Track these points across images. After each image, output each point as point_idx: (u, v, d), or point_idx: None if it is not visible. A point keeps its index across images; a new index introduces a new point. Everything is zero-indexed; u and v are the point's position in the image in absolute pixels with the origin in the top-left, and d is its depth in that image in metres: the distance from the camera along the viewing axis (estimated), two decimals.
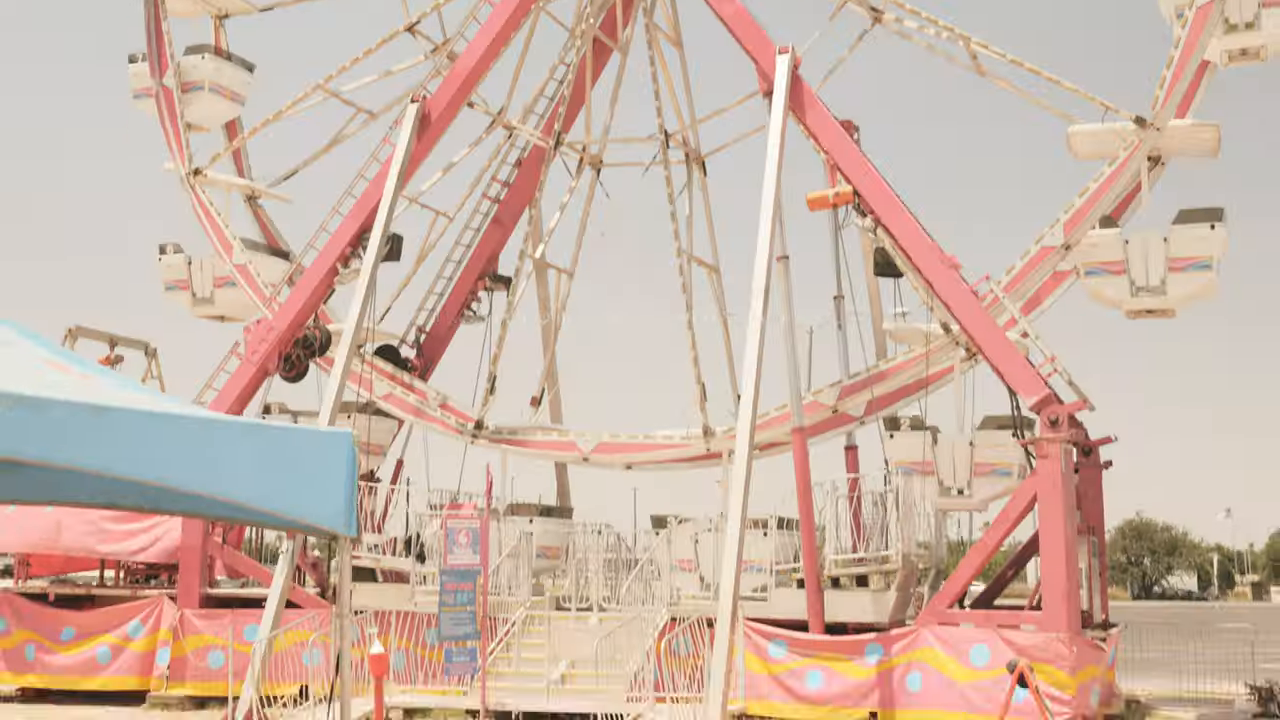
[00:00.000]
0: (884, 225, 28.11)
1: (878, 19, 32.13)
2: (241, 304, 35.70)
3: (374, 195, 31.78)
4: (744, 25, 29.91)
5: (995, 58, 29.79)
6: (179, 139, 36.24)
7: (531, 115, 36.21)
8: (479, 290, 37.25)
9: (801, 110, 29.10)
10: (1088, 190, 28.53)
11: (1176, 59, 28.03)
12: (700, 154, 34.77)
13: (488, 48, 32.09)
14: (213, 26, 38.50)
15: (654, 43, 33.23)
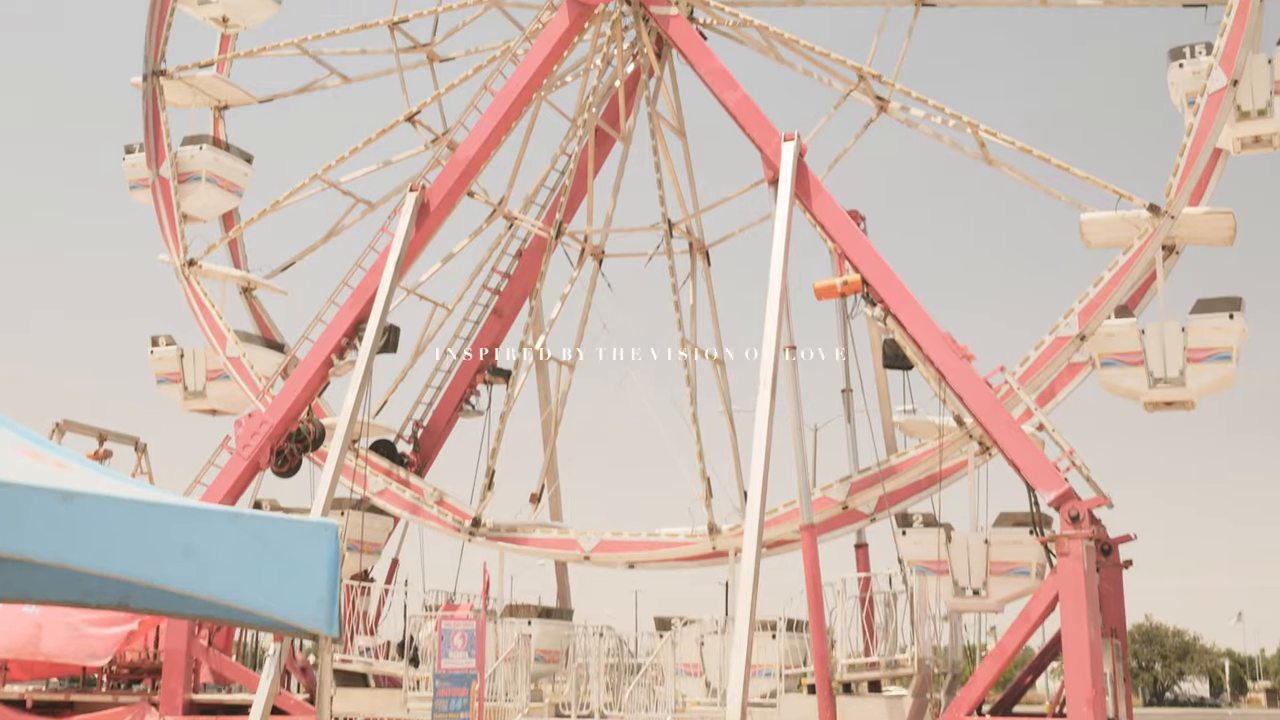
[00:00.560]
0: (894, 314, 27.40)
1: (883, 108, 31.77)
2: (234, 398, 34.89)
3: (371, 285, 31.15)
4: (748, 113, 29.49)
5: (1003, 145, 29.32)
6: (175, 230, 35.70)
7: (533, 205, 35.72)
8: (478, 383, 36.42)
9: (808, 198, 28.55)
10: (1102, 279, 27.88)
11: (1189, 146, 27.55)
12: (704, 244, 34.18)
13: (488, 137, 31.68)
14: (212, 117, 38.23)
15: (657, 132, 32.81)
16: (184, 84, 36.87)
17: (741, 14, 31.59)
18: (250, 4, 36.90)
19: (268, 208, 35.36)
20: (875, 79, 30.57)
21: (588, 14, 32.00)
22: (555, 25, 31.84)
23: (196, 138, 36.59)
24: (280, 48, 36.00)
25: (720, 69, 30.12)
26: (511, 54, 32.66)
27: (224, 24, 37.34)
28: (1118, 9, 30.66)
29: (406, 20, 35.05)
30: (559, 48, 31.94)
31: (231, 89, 37.62)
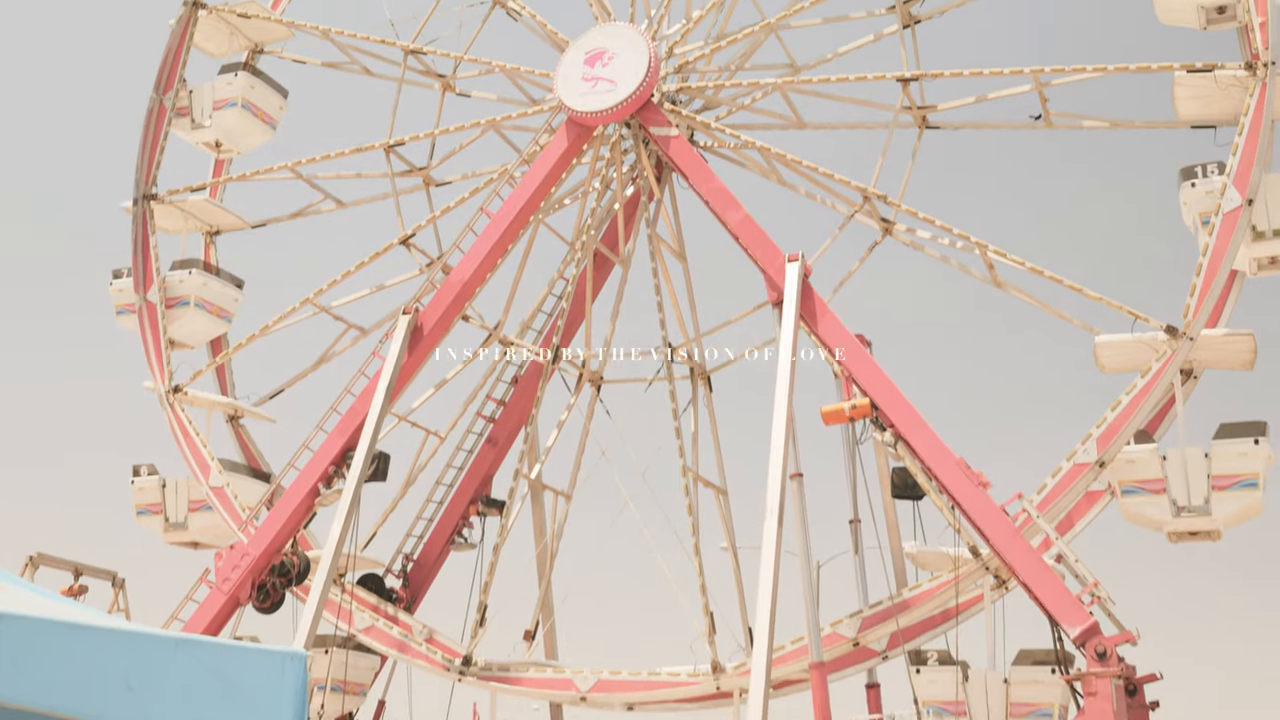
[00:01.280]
0: (904, 439, 26.35)
1: (888, 230, 31.13)
2: (217, 530, 33.51)
3: (360, 411, 30.14)
4: (751, 233, 28.83)
5: (1013, 266, 28.55)
6: (160, 356, 34.73)
7: (529, 330, 34.80)
8: (471, 515, 35.04)
9: (813, 319, 27.71)
10: (1120, 403, 26.86)
11: (1205, 266, 26.79)
12: (705, 369, 33.21)
13: (484, 259, 30.97)
14: (203, 242, 37.57)
15: (657, 254, 32.09)
16: (175, 208, 36.27)
17: (743, 135, 31.10)
18: (245, 129, 36.45)
19: (257, 332, 34.48)
20: (880, 199, 29.94)
21: (586, 136, 31.53)
22: (553, 147, 31.34)
23: (186, 262, 35.85)
24: (274, 171, 35.48)
25: (722, 189, 29.54)
26: (509, 176, 32.09)
27: (217, 149, 36.91)
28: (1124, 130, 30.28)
29: (402, 143, 34.61)
30: (557, 170, 31.41)
31: (224, 214, 37.02)
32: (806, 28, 32.39)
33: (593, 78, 30.97)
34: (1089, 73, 28.83)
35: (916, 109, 31.08)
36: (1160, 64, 28.26)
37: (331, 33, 35.60)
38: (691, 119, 31.73)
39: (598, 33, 31.54)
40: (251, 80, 36.34)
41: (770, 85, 31.60)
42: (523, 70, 33.54)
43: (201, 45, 37.28)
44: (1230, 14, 28.55)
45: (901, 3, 31.69)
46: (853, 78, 30.44)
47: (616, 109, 30.53)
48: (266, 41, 37.89)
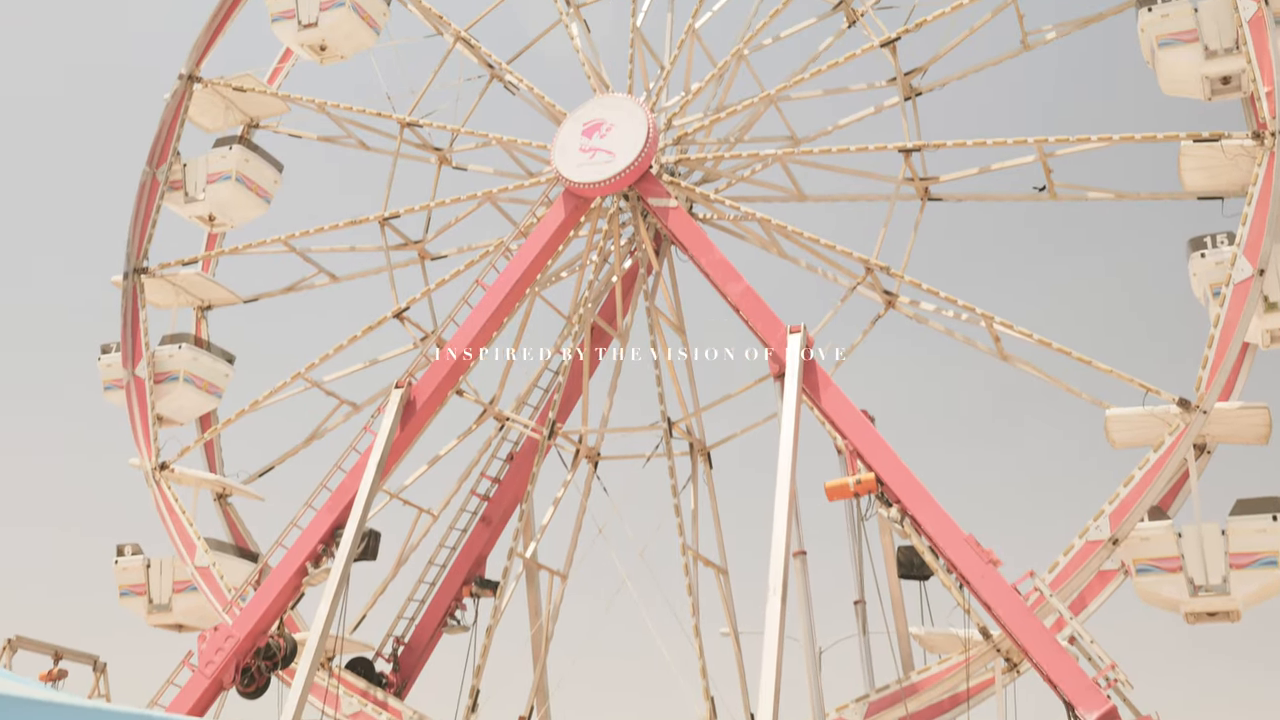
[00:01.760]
0: (911, 515, 25.53)
1: (891, 303, 30.57)
2: (202, 611, 32.50)
3: (350, 488, 29.28)
4: (752, 305, 28.22)
5: (1020, 338, 27.92)
6: (147, 432, 33.97)
7: (525, 406, 34.07)
8: (464, 596, 34.04)
9: (816, 392, 26.98)
10: (1133, 478, 26.08)
11: (1217, 338, 26.14)
12: (705, 445, 32.42)
13: (479, 332, 30.29)
14: (194, 317, 36.98)
15: (656, 328, 31.44)
16: (166, 283, 35.73)
17: (743, 207, 30.62)
18: (239, 203, 36.03)
19: (246, 408, 33.76)
20: (883, 271, 29.38)
21: (584, 207, 31.07)
22: (550, 219, 30.83)
23: (176, 336, 35.24)
24: (267, 244, 34.97)
25: (722, 260, 28.98)
26: (505, 248, 31.52)
27: (211, 222, 36.45)
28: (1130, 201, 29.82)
29: (398, 216, 34.15)
30: (554, 242, 30.86)
31: (215, 288, 36.46)
32: (806, 99, 32.07)
33: (590, 149, 30.58)
34: (1094, 143, 28.40)
35: (919, 180, 30.65)
36: (1166, 134, 27.87)
37: (327, 106, 35.33)
38: (690, 191, 31.29)
39: (595, 104, 31.20)
40: (246, 154, 36.00)
41: (770, 157, 31.18)
42: (520, 142, 33.18)
43: (196, 120, 36.99)
44: (1235, 84, 28.21)
45: (902, 75, 31.38)
46: (854, 148, 30.05)
47: (615, 180, 30.08)
48: (262, 116, 37.61)
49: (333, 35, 35.83)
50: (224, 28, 36.70)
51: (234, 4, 36.66)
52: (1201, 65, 28.04)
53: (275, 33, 36.62)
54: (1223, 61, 27.90)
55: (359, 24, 36.01)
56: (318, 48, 36.13)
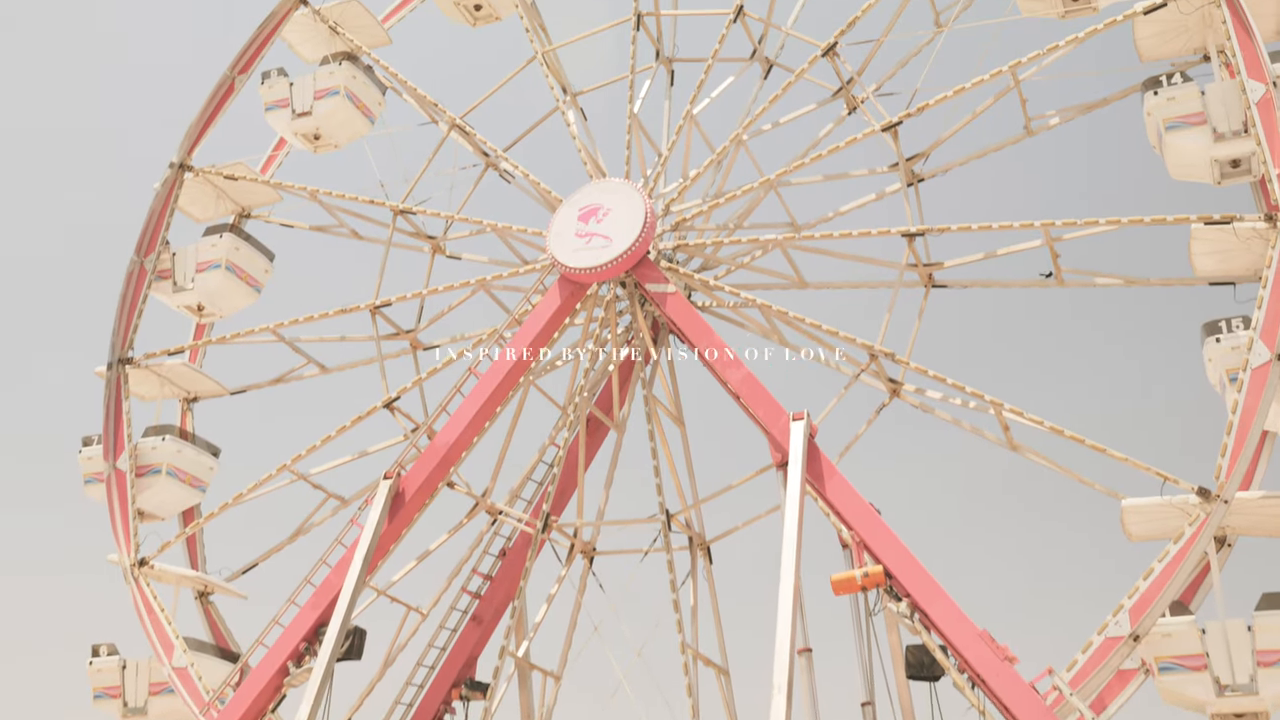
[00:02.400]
0: (922, 610, 24.44)
1: (895, 391, 29.68)
2: (178, 714, 31.12)
3: (335, 583, 28.23)
4: (753, 392, 27.38)
5: (1031, 426, 26.97)
6: (127, 527, 32.83)
7: (518, 500, 32.94)
8: (453, 699, 32.57)
9: (820, 482, 26.01)
10: (1153, 571, 24.90)
11: (1236, 425, 25.16)
12: (705, 538, 31.29)
13: (470, 422, 29.46)
14: (180, 409, 36.04)
15: (653, 417, 30.47)
16: (151, 373, 34.84)
17: (743, 293, 29.87)
18: (228, 292, 35.29)
19: (230, 501, 32.65)
20: (887, 357, 28.51)
21: (580, 294, 30.34)
22: (545, 305, 30.11)
23: (159, 428, 34.25)
24: (255, 333, 34.16)
25: (722, 346, 28.16)
26: (499, 336, 30.72)
27: (199, 312, 35.69)
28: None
29: (389, 304, 33.39)
30: (549, 329, 30.10)
31: (202, 379, 35.57)
32: (807, 184, 31.47)
33: (587, 234, 29.96)
34: (1102, 226, 27.74)
35: (922, 266, 29.96)
36: (1176, 216, 27.24)
37: (320, 193, 34.73)
38: (689, 277, 30.58)
39: (592, 188, 30.66)
40: (237, 242, 35.38)
41: (770, 242, 30.51)
42: (514, 229, 32.54)
43: (186, 209, 36.46)
44: (1245, 167, 27.67)
45: (904, 160, 30.87)
46: (856, 233, 29.45)
47: (611, 265, 29.41)
48: (254, 205, 37.05)
49: (327, 124, 35.50)
50: (216, 117, 36.28)
51: (227, 93, 36.29)
52: (1210, 148, 27.52)
53: (269, 122, 36.28)
54: (1232, 144, 27.38)
55: (353, 113, 35.68)
56: (311, 136, 35.77)
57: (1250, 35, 27.11)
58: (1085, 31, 28.77)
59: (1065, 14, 30.11)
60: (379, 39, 36.64)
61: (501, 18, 36.11)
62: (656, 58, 34.24)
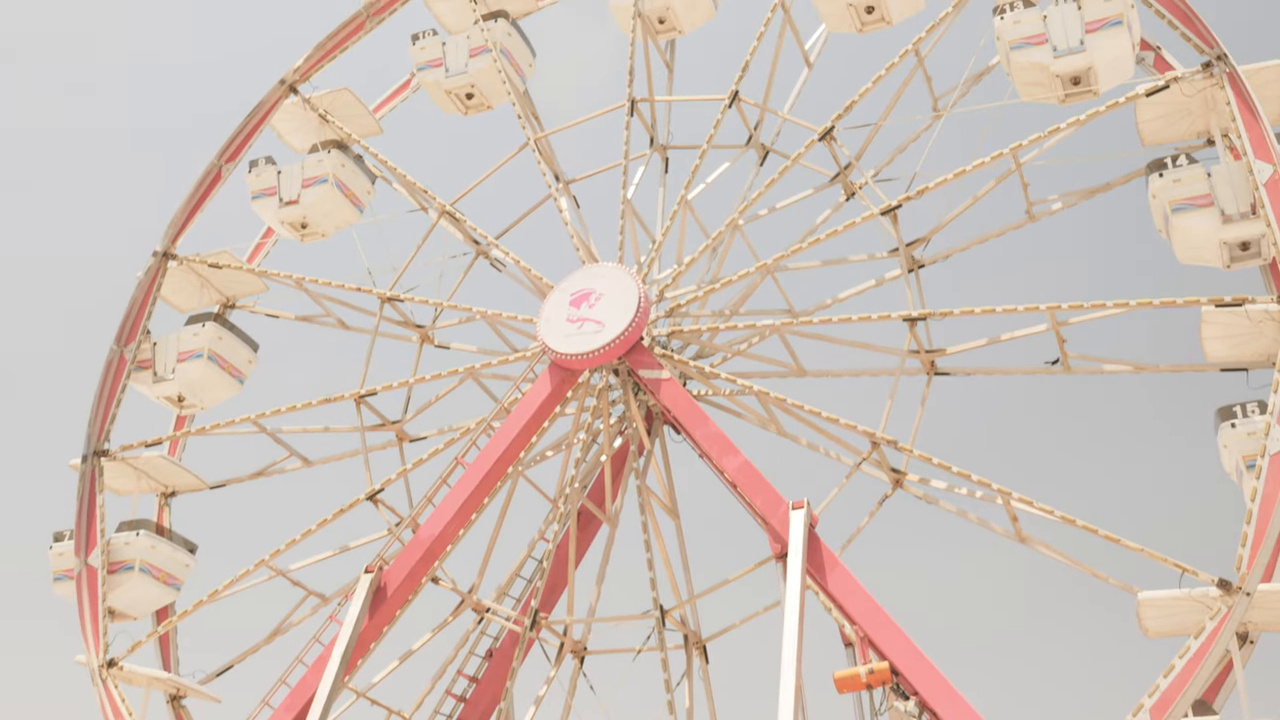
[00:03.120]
0: (931, 710, 23.11)
1: (899, 482, 28.64)
2: None
3: (312, 684, 26.79)
4: (751, 480, 26.33)
5: (1040, 516, 25.86)
6: (96, 626, 31.41)
7: (506, 597, 31.61)
8: None
9: (821, 573, 24.86)
10: (1173, 669, 23.62)
11: (1256, 514, 24.10)
12: (701, 636, 29.97)
13: (456, 514, 28.31)
14: (157, 504, 34.81)
15: (647, 509, 29.39)
16: (128, 466, 33.64)
17: (740, 380, 28.93)
18: (210, 382, 34.34)
19: (205, 598, 31.29)
20: (890, 445, 27.48)
21: (571, 381, 29.40)
22: (535, 393, 29.16)
23: (134, 523, 32.99)
24: (236, 424, 33.09)
25: (718, 433, 27.21)
26: (487, 426, 29.67)
27: (180, 403, 34.69)
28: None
29: (374, 393, 32.39)
30: (539, 417, 29.12)
31: (180, 473, 34.41)
32: (805, 270, 30.77)
33: (579, 319, 29.13)
34: (1110, 309, 26.93)
35: (924, 353, 29.10)
36: (1186, 299, 26.43)
37: (305, 281, 33.96)
38: (684, 364, 29.68)
39: (584, 274, 29.95)
40: (220, 331, 34.53)
41: (767, 328, 29.67)
42: (504, 316, 31.69)
43: (169, 298, 35.60)
44: (1254, 250, 26.99)
45: (904, 246, 30.19)
46: (855, 318, 28.61)
47: (604, 350, 28.55)
48: (239, 295, 36.25)
49: (313, 213, 34.89)
50: (202, 205, 35.62)
51: (213, 182, 35.72)
52: (1219, 230, 26.89)
53: (255, 210, 35.66)
54: (1241, 226, 26.76)
55: (341, 201, 35.09)
56: (298, 225, 35.13)
57: (1255, 115, 26.61)
58: (1087, 114, 28.30)
59: (1065, 99, 29.58)
60: (370, 128, 36.22)
61: (493, 106, 35.64)
62: (651, 145, 33.75)
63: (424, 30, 35.77)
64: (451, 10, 36.23)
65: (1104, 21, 28.81)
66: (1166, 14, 28.11)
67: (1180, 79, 27.81)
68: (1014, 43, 29.31)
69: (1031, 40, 29.32)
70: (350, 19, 35.84)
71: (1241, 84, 26.97)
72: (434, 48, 35.40)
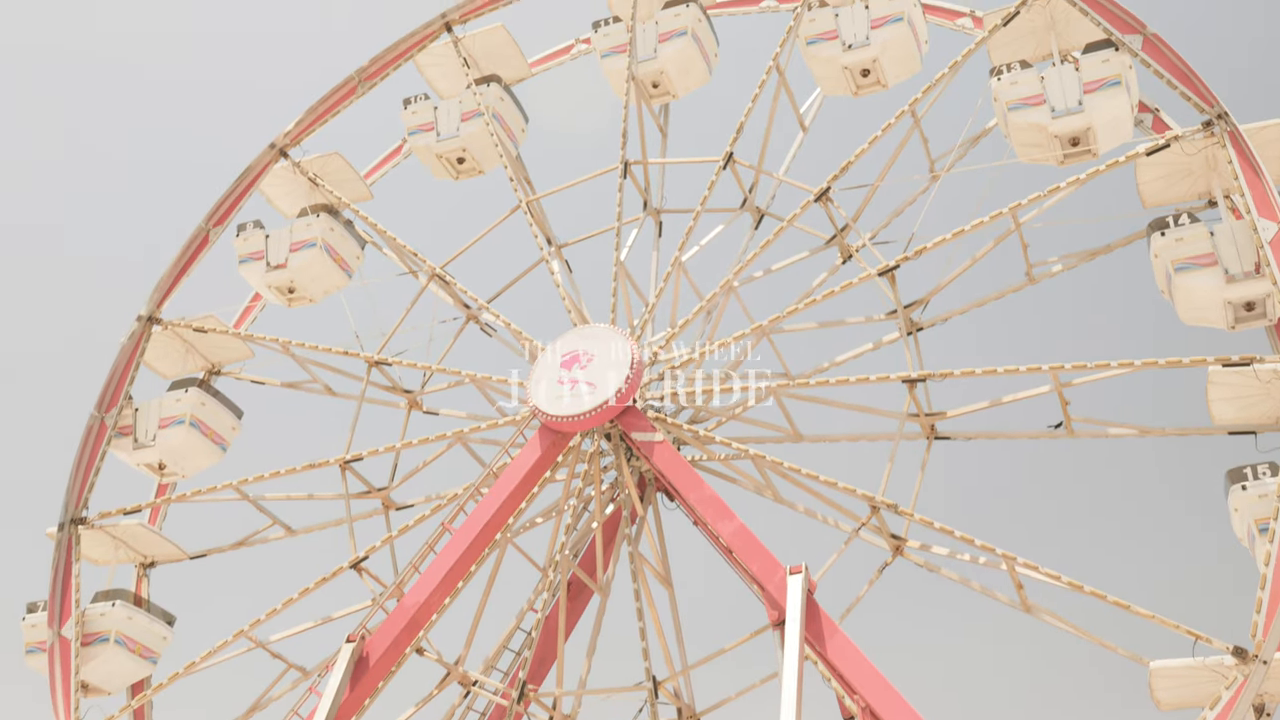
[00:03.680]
0: None
1: (899, 549, 27.77)
2: None
3: None
4: (747, 545, 25.52)
5: (1046, 582, 25.01)
6: (68, 701, 30.26)
7: (494, 670, 30.54)
8: None
9: (821, 641, 23.92)
10: None
11: (1270, 579, 23.28)
12: (695, 709, 28.88)
13: (442, 581, 27.38)
14: (135, 574, 33.80)
15: (639, 577, 28.45)
16: (106, 534, 32.69)
17: (735, 444, 28.16)
18: (192, 449, 33.51)
19: (181, 671, 30.15)
20: (890, 509, 26.65)
21: (562, 444, 28.60)
22: (525, 457, 28.37)
23: (111, 593, 31.95)
24: (218, 490, 32.21)
25: (713, 497, 26.41)
26: (475, 492, 28.84)
27: (160, 471, 33.79)
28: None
29: (360, 458, 31.54)
30: (528, 482, 28.30)
31: (160, 542, 33.44)
32: (801, 331, 30.15)
33: (570, 380, 28.44)
34: (1114, 369, 26.28)
35: (924, 416, 28.38)
36: (1192, 358, 25.78)
37: (291, 345, 33.28)
38: (678, 428, 28.92)
39: (575, 335, 29.32)
40: (203, 396, 33.77)
41: (764, 390, 28.94)
42: (494, 380, 30.97)
43: (153, 364, 34.85)
44: (1260, 311, 26.40)
45: (903, 308, 29.64)
46: (853, 379, 27.91)
47: (595, 413, 27.83)
48: (224, 362, 35.55)
49: (302, 277, 34.26)
50: (189, 269, 35.02)
51: (200, 246, 35.14)
52: (1223, 290, 26.29)
53: (242, 275, 35.04)
54: (1245, 286, 26.17)
55: (330, 266, 34.51)
56: (286, 290, 34.49)
57: (1258, 172, 26.19)
58: (1087, 173, 27.86)
59: (1064, 160, 29.18)
60: (360, 194, 35.76)
61: (485, 171, 35.23)
62: (644, 208, 33.26)
63: (416, 95, 35.48)
64: (444, 76, 36.01)
65: (1102, 82, 28.48)
66: (1165, 74, 27.75)
67: (1181, 137, 27.43)
68: (1011, 103, 28.96)
69: (1029, 101, 28.97)
70: (342, 83, 35.45)
71: (1243, 141, 26.58)
72: (426, 112, 35.08)
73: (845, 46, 30.92)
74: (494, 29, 35.43)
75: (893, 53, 30.91)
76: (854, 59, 30.93)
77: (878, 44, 30.77)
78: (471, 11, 35.38)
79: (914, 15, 31.23)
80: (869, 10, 31.10)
